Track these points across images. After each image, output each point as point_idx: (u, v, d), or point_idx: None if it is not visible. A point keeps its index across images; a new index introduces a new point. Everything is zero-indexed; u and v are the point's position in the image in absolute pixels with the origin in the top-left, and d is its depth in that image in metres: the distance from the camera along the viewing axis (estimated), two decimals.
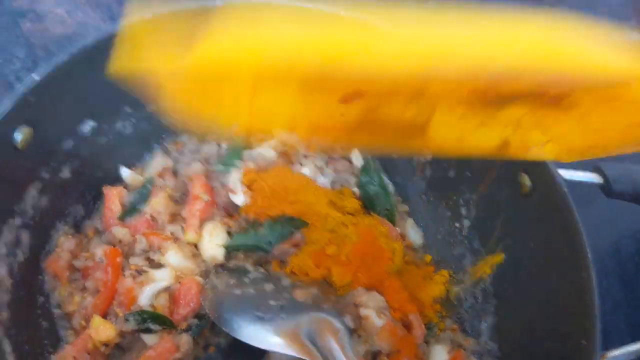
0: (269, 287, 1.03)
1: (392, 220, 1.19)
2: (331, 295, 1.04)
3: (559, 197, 0.98)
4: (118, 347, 1.02)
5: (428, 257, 1.21)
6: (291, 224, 1.08)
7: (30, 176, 1.00)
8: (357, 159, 1.26)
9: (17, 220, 0.98)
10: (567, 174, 1.02)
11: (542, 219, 1.02)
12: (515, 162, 1.05)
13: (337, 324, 0.96)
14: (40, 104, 0.95)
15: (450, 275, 1.17)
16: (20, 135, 0.93)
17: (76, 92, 1.02)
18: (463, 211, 1.19)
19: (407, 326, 1.06)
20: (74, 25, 1.58)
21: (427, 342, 1.09)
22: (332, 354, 0.91)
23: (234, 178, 1.13)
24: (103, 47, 0.99)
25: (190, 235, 1.07)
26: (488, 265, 1.14)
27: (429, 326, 1.10)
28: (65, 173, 1.07)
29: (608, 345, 0.88)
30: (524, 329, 1.05)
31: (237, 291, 1.01)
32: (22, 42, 1.54)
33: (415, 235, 1.22)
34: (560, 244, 0.98)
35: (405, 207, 1.25)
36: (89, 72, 1.01)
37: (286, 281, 1.05)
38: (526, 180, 1.04)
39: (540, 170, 1.00)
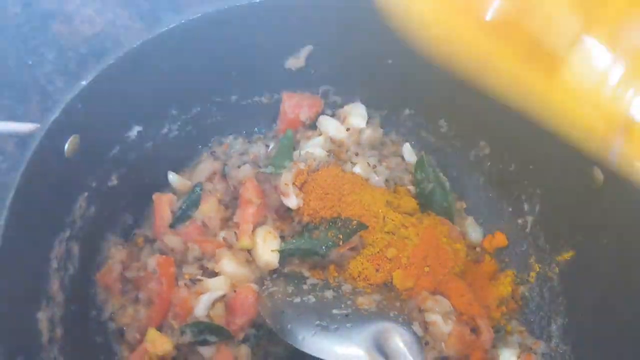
0: (329, 294, 0.98)
1: (451, 219, 1.14)
2: (395, 302, 0.99)
3: (635, 190, 0.91)
4: None
5: (488, 256, 1.15)
6: (349, 227, 1.03)
7: (78, 185, 0.96)
8: (410, 155, 1.21)
9: (67, 232, 0.94)
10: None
11: (616, 213, 0.96)
12: (585, 154, 0.99)
13: (406, 332, 0.91)
14: (87, 111, 0.91)
15: (515, 276, 1.12)
16: (67, 144, 0.89)
17: (122, 97, 0.97)
18: (526, 207, 1.13)
19: (475, 330, 1.01)
20: (103, 25, 1.54)
21: (494, 346, 1.04)
22: None
23: (286, 180, 1.08)
24: (148, 51, 0.96)
25: (245, 241, 1.03)
26: (555, 264, 1.08)
27: (496, 329, 1.05)
28: (113, 181, 1.03)
29: None
30: (598, 330, 0.99)
31: (297, 299, 0.96)
32: (53, 44, 1.50)
33: (475, 233, 1.16)
34: (637, 241, 0.92)
35: (463, 204, 1.19)
36: (135, 76, 0.97)
37: (347, 287, 1.00)
38: (598, 174, 0.97)
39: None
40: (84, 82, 0.89)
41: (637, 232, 0.92)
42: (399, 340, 0.89)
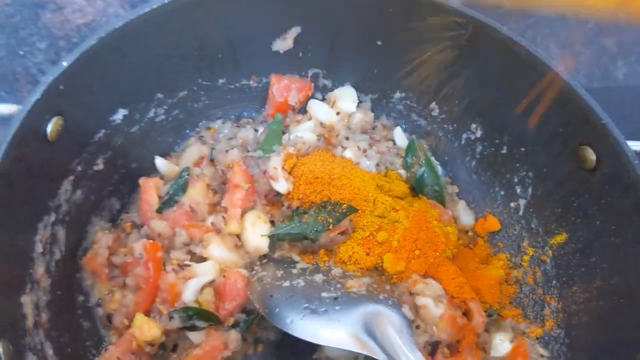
0: (319, 278, 0.96)
1: (442, 202, 1.13)
2: (385, 285, 0.97)
3: (629, 170, 0.90)
4: (162, 346, 0.97)
5: (481, 240, 1.14)
6: (339, 211, 1.02)
7: (63, 169, 0.94)
8: (401, 139, 1.19)
9: (52, 217, 0.93)
10: (635, 145, 0.95)
11: (609, 194, 0.94)
12: (576, 135, 0.98)
13: (396, 315, 0.90)
14: (70, 93, 0.89)
15: (508, 259, 1.10)
16: (50, 126, 0.87)
17: (106, 79, 0.96)
18: (518, 190, 1.11)
19: (467, 314, 1.00)
20: (94, 14, 1.53)
21: (487, 331, 1.03)
22: (394, 349, 0.85)
23: (275, 164, 1.06)
24: (132, 31, 0.94)
25: (233, 226, 1.01)
26: (549, 247, 1.06)
27: (488, 313, 1.03)
28: (99, 165, 1.01)
29: None
30: (593, 313, 0.97)
31: (286, 283, 0.95)
32: (44, 34, 1.48)
33: (467, 217, 1.15)
34: (632, 222, 0.90)
35: (455, 188, 1.18)
36: (119, 58, 0.96)
37: (337, 271, 0.99)
38: (590, 154, 0.96)
39: (606, 142, 0.92)
40: (64, 63, 0.87)
41: (630, 212, 0.91)
42: (388, 324, 0.88)
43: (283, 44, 1.12)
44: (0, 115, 0.86)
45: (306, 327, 0.88)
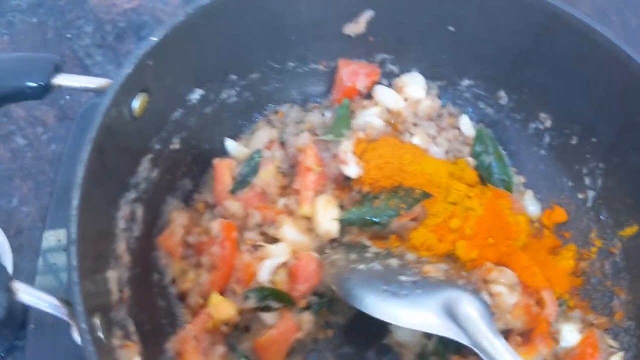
0: (394, 262, 0.96)
1: (510, 192, 1.12)
2: (461, 271, 0.97)
3: None
4: (235, 326, 0.97)
5: (547, 231, 1.13)
6: (412, 196, 1.02)
7: (144, 147, 0.95)
8: (467, 127, 1.19)
9: (132, 194, 0.93)
10: None
11: None
12: None
13: (476, 301, 0.90)
14: (156, 68, 0.89)
15: (575, 250, 1.10)
16: (137, 101, 0.87)
17: (187, 57, 0.96)
18: (587, 181, 1.11)
19: (539, 304, 1.00)
20: None
21: (556, 321, 1.02)
22: (476, 333, 0.85)
23: (345, 148, 1.06)
24: (216, 8, 0.94)
25: (306, 208, 1.01)
26: (618, 239, 1.06)
27: (558, 303, 1.03)
28: (175, 144, 1.01)
29: None
30: None
31: (361, 266, 0.95)
32: (90, 17, 1.49)
33: (533, 207, 1.14)
34: None
35: (521, 178, 1.17)
36: (201, 35, 0.96)
37: (411, 256, 0.98)
38: None
39: None
40: (154, 38, 0.87)
41: None
42: (471, 307, 0.88)
43: (355, 27, 1.11)
44: (90, 88, 0.85)
45: (388, 309, 0.88)
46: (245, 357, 0.96)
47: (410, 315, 0.88)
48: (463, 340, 0.85)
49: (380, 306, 0.89)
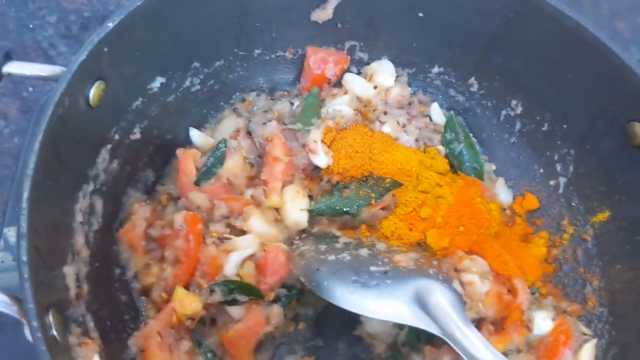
0: (364, 252, 0.94)
1: (481, 180, 1.11)
2: (432, 260, 0.96)
3: None
4: (202, 321, 0.94)
5: (519, 219, 1.12)
6: (382, 185, 1.00)
7: (102, 137, 0.91)
8: (438, 115, 1.17)
9: (91, 186, 0.90)
10: None
11: None
12: (625, 111, 0.96)
13: (447, 290, 0.88)
14: (113, 56, 0.85)
15: (547, 237, 1.09)
16: (93, 90, 0.84)
17: (147, 44, 0.93)
18: (559, 168, 1.10)
19: (511, 291, 0.99)
20: None
21: (528, 309, 1.01)
22: (447, 323, 0.84)
23: (315, 137, 1.04)
24: None
25: (274, 199, 0.99)
26: (590, 225, 1.05)
27: (531, 291, 1.02)
28: (135, 134, 0.98)
29: None
30: (637, 291, 0.96)
31: (331, 257, 0.93)
32: (54, 7, 1.45)
33: (505, 195, 1.13)
34: None
35: (493, 166, 1.16)
36: (161, 21, 0.93)
37: (381, 246, 0.96)
38: (638, 129, 0.94)
39: None
40: (110, 24, 0.83)
41: None
42: (441, 297, 0.86)
43: (322, 13, 1.09)
44: (41, 76, 0.82)
45: (358, 300, 0.86)
46: (211, 352, 0.93)
47: (380, 306, 0.86)
48: (434, 330, 0.83)
49: (350, 298, 0.86)
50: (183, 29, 0.98)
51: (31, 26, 1.41)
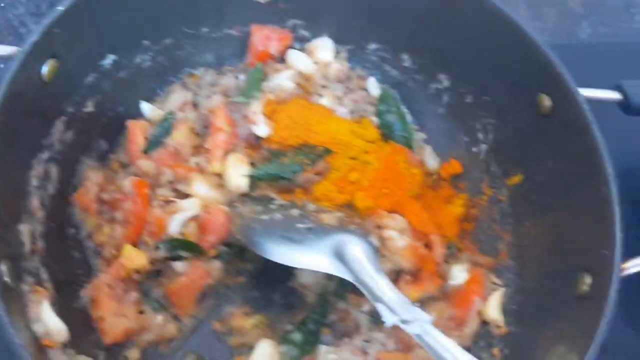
0: (295, 212, 1.05)
1: (410, 148, 1.21)
2: (355, 218, 1.07)
3: (581, 115, 0.99)
4: (149, 275, 1.05)
5: (444, 183, 1.23)
6: (315, 152, 1.10)
7: (56, 110, 1.01)
8: (374, 89, 1.26)
9: (45, 154, 0.99)
10: (587, 92, 1.03)
11: (562, 138, 1.04)
12: (535, 84, 1.06)
13: (363, 243, 0.99)
14: (65, 36, 0.94)
15: (468, 199, 1.20)
16: (46, 68, 0.93)
17: (98, 24, 1.01)
18: (480, 136, 1.20)
19: (428, 247, 1.10)
20: None
21: (447, 262, 1.13)
22: (361, 272, 0.95)
23: (255, 109, 1.13)
24: None
25: (216, 166, 1.09)
26: (505, 187, 1.16)
27: (448, 246, 1.13)
28: (88, 107, 1.07)
29: (630, 255, 0.91)
30: (543, 245, 1.08)
31: (265, 217, 1.04)
32: None
33: (432, 161, 1.23)
34: (581, 162, 1.00)
35: (423, 135, 1.26)
36: (111, 3, 1.02)
37: (311, 206, 1.07)
38: (545, 101, 1.05)
39: (560, 90, 1.01)
40: (61, 7, 0.92)
41: (581, 154, 1.00)
42: (357, 248, 0.98)
43: None
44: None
45: (283, 252, 0.98)
46: (157, 302, 1.04)
47: (303, 257, 0.98)
48: (349, 277, 0.95)
49: (278, 250, 0.98)
50: (132, 10, 1.06)
51: (2, 5, 1.47)
